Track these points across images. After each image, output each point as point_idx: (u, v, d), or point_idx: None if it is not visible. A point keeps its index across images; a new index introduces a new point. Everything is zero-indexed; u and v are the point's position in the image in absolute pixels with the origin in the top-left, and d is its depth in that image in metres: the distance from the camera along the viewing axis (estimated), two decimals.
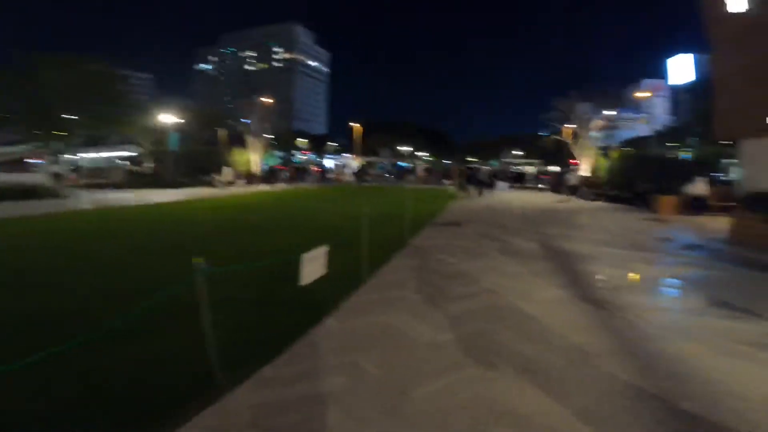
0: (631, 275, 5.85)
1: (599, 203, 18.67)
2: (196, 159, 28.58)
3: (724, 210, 12.79)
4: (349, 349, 3.35)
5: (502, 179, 24.18)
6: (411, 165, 50.14)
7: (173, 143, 26.56)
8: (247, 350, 3.27)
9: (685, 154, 36.23)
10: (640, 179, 19.25)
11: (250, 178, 29.78)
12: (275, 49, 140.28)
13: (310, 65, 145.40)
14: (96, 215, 11.67)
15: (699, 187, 13.77)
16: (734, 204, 12.89)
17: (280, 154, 66.27)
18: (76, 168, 32.36)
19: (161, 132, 27.77)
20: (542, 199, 20.87)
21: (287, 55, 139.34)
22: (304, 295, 4.13)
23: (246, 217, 11.73)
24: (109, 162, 39.10)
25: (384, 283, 5.41)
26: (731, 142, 19.42)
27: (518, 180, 31.06)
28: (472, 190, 19.01)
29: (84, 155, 39.48)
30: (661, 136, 38.70)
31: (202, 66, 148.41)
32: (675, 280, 5.71)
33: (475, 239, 8.77)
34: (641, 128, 43.95)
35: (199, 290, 2.64)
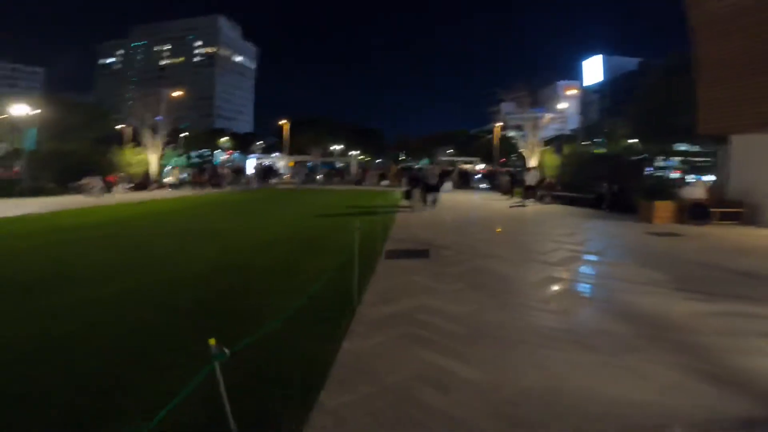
0: None
1: (559, 207, 16.45)
2: (69, 160, 22.05)
3: (729, 218, 10.82)
4: None
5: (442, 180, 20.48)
6: (343, 164, 46.17)
7: (30, 141, 20.08)
8: None
9: (597, 151, 36.77)
10: (598, 179, 17.45)
11: (143, 183, 23.93)
12: (196, 43, 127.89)
13: (234, 60, 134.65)
14: None
15: (698, 190, 11.73)
16: (740, 210, 11.04)
17: (197, 153, 58.84)
18: None
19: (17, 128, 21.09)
20: (495, 203, 18.31)
21: (209, 49, 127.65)
22: None
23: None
24: None
25: None
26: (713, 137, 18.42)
27: (465, 180, 28.69)
28: (417, 195, 14.99)
29: None
30: (574, 135, 39.28)
31: (107, 60, 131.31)
32: None
33: (485, 294, 5.29)
34: (550, 127, 44.25)
35: None
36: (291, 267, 6.18)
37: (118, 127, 31.83)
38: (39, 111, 21.41)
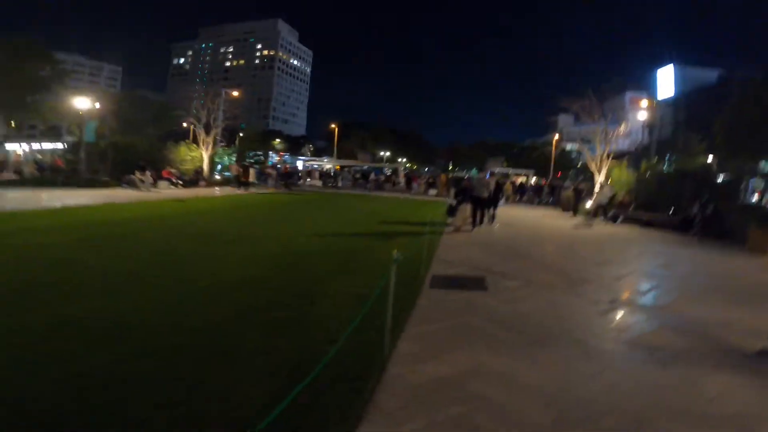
0: None
1: (634, 229, 14.22)
2: (124, 154, 22.72)
3: None
4: None
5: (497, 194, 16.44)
6: (389, 170, 45.23)
7: (89, 134, 20.81)
8: None
9: (681, 168, 32.79)
10: (682, 199, 15.08)
11: (194, 179, 24.18)
12: (257, 46, 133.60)
13: (291, 64, 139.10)
14: None
15: None
16: None
17: (252, 153, 60.56)
18: None
19: (86, 122, 22.01)
20: (556, 220, 16.34)
21: (268, 52, 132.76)
22: None
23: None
24: (32, 154, 32.66)
25: None
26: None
27: (520, 194, 26.54)
28: (463, 210, 12.01)
29: (10, 145, 33.13)
30: (646, 149, 35.52)
31: (181, 61, 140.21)
32: None
33: (570, 347, 3.90)
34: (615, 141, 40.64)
35: None
36: (313, 288, 5.04)
37: (184, 124, 32.90)
38: (98, 105, 22.21)
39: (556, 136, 48.99)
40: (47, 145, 35.27)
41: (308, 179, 35.90)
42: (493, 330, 4.10)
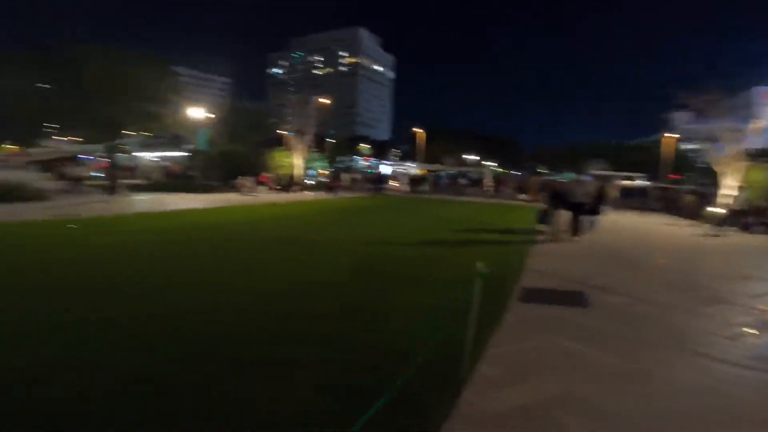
0: None
1: None
2: (230, 160, 25.20)
3: None
4: None
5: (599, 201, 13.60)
6: (477, 174, 43.81)
7: (202, 142, 23.40)
8: None
9: None
10: None
11: (287, 184, 25.85)
12: (341, 53, 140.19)
13: (374, 69, 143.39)
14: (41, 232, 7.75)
15: None
16: None
17: (340, 159, 63.37)
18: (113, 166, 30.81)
19: (197, 131, 24.94)
20: (673, 229, 14.17)
21: (352, 60, 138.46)
22: None
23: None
24: (154, 162, 37.75)
25: None
26: None
27: (625, 199, 23.60)
28: (558, 217, 10.48)
29: (138, 154, 38.75)
30: None
31: (274, 70, 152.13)
32: None
33: (686, 382, 3.23)
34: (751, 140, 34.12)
35: None
36: (381, 300, 4.78)
37: (279, 132, 35.58)
38: (213, 115, 24.83)
39: (672, 135, 43.32)
40: (169, 154, 40.60)
41: (394, 184, 36.33)
42: (592, 354, 3.50)
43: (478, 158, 59.11)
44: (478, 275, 2.90)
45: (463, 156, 56.97)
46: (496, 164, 60.37)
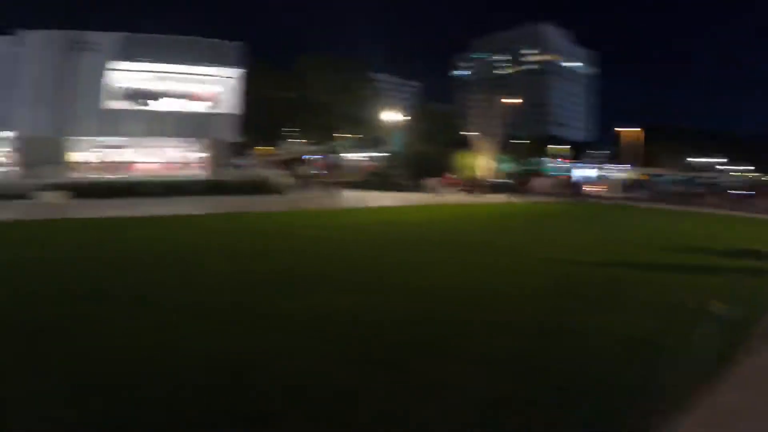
0: None
1: None
2: (421, 161, 26.99)
3: None
4: None
5: None
6: (710, 179, 34.80)
7: (397, 143, 25.78)
8: None
9: None
10: None
11: (472, 186, 25.88)
12: (524, 51, 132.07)
13: (565, 66, 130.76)
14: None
15: None
16: None
17: (532, 160, 59.64)
18: (330, 166, 36.60)
19: (392, 132, 27.58)
20: None
21: (538, 57, 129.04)
22: None
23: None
24: (356, 161, 42.48)
25: None
26: None
27: None
28: None
29: (348, 155, 44.78)
30: None
31: (457, 73, 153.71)
32: None
33: None
34: None
35: None
36: (566, 320, 4.26)
37: (465, 133, 36.17)
38: (406, 118, 27.02)
39: None
40: (370, 154, 45.45)
41: (594, 189, 31.86)
42: None
43: (718, 161, 47.10)
44: (711, 316, 2.28)
45: (691, 158, 46.12)
46: (753, 168, 46.97)
